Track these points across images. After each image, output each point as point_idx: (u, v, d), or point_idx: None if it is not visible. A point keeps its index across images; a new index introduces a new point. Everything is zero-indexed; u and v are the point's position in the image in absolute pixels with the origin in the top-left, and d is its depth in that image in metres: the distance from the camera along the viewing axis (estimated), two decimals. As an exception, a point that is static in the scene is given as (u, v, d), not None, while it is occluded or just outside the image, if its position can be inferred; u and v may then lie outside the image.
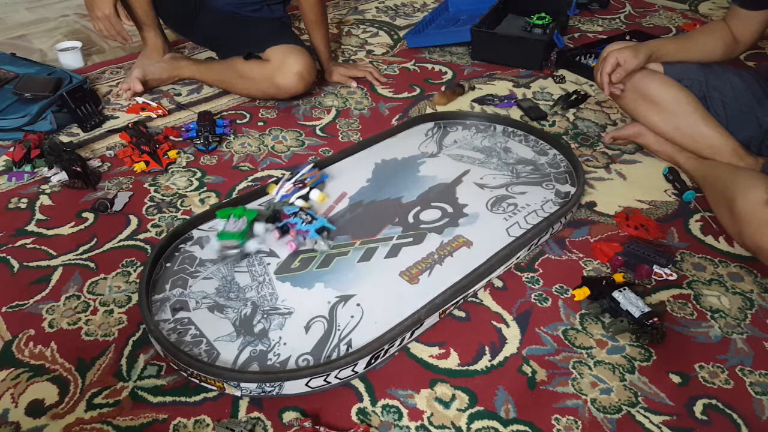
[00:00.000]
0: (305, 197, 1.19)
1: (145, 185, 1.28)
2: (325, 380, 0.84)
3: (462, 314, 0.99)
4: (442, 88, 1.69)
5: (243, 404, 0.84)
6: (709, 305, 1.02)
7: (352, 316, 0.95)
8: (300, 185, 1.19)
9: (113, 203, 1.20)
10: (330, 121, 1.54)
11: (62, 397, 0.84)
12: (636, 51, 1.25)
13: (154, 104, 1.55)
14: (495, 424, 0.82)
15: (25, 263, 1.07)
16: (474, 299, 1.02)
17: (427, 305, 0.93)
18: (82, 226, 1.16)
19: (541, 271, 1.08)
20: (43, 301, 0.99)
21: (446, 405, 0.84)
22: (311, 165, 1.26)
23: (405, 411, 0.84)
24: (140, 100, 1.57)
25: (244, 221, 1.07)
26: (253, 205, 1.17)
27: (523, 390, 0.87)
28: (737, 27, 1.27)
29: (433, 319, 0.96)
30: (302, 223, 1.09)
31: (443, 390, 0.87)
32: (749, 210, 1.03)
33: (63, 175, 1.26)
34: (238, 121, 1.53)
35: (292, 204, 1.16)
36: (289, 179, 1.20)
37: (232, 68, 1.58)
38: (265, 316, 0.95)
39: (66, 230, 1.15)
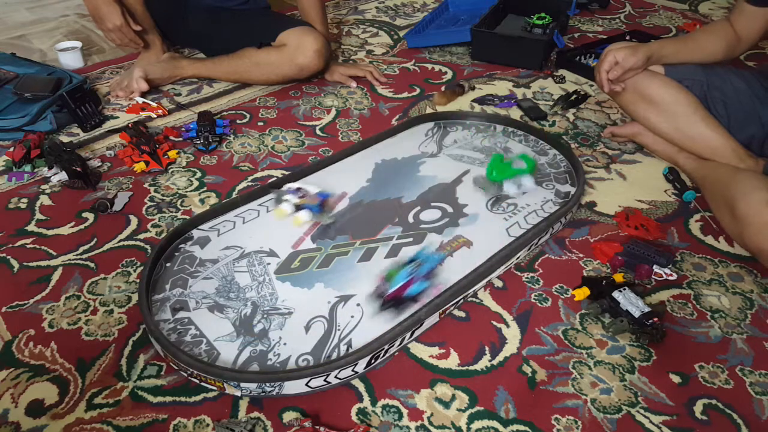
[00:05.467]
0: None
1: (145, 185, 1.28)
2: (325, 380, 0.84)
3: (462, 314, 0.99)
4: (442, 88, 1.69)
5: (243, 404, 0.84)
6: (709, 305, 1.02)
7: (352, 316, 0.95)
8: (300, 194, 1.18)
9: (113, 203, 1.20)
10: (330, 121, 1.54)
11: (62, 397, 0.84)
12: (634, 50, 1.26)
13: (154, 104, 1.55)
14: (495, 424, 0.82)
15: (25, 263, 1.07)
16: (474, 299, 1.02)
17: (427, 305, 0.93)
18: (82, 226, 1.16)
19: (541, 271, 1.08)
20: (43, 301, 0.99)
21: (446, 405, 0.84)
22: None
23: (405, 411, 0.84)
24: (140, 100, 1.57)
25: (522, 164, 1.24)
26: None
27: (523, 390, 0.87)
28: (741, 24, 1.27)
29: (433, 319, 0.96)
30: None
31: (443, 390, 0.87)
32: (751, 212, 1.03)
33: (63, 175, 1.26)
34: (238, 121, 1.53)
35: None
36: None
37: (245, 58, 1.62)
38: (265, 316, 0.95)
39: (66, 230, 1.15)
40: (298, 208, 1.15)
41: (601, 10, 2.28)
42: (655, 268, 1.06)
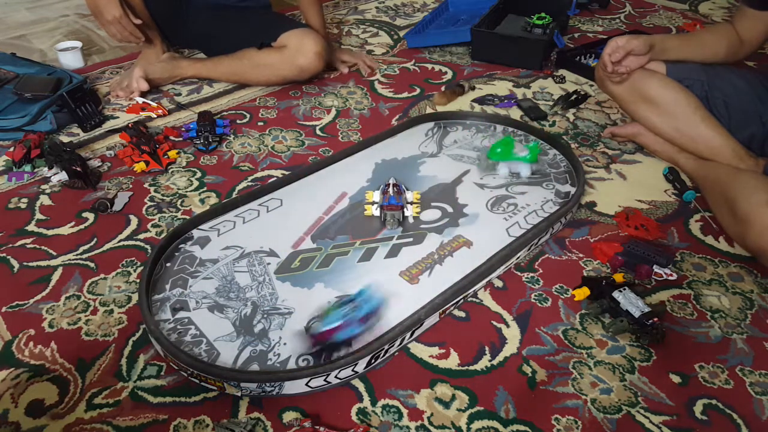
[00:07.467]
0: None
1: (145, 185, 1.28)
2: (325, 380, 0.84)
3: (462, 314, 0.99)
4: (442, 88, 1.69)
5: (243, 404, 0.84)
6: (709, 305, 1.02)
7: (352, 316, 0.95)
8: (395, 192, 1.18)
9: (113, 203, 1.20)
10: (330, 121, 1.54)
11: (62, 397, 0.84)
12: (637, 36, 1.26)
13: (154, 104, 1.55)
14: (495, 424, 0.82)
15: (25, 263, 1.07)
16: (474, 299, 1.02)
17: (427, 305, 0.93)
18: (82, 226, 1.16)
19: (541, 271, 1.08)
20: (43, 301, 0.99)
21: (446, 405, 0.84)
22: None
23: (405, 411, 0.84)
24: (140, 100, 1.57)
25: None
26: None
27: (523, 390, 0.87)
28: (743, 27, 1.27)
29: (433, 319, 0.96)
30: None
31: (443, 390, 0.87)
32: (752, 213, 1.03)
33: (63, 175, 1.26)
34: (238, 121, 1.53)
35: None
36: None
37: (245, 59, 1.63)
38: (265, 316, 0.95)
39: (66, 230, 1.15)
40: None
41: (601, 10, 2.28)
42: (655, 268, 1.06)
